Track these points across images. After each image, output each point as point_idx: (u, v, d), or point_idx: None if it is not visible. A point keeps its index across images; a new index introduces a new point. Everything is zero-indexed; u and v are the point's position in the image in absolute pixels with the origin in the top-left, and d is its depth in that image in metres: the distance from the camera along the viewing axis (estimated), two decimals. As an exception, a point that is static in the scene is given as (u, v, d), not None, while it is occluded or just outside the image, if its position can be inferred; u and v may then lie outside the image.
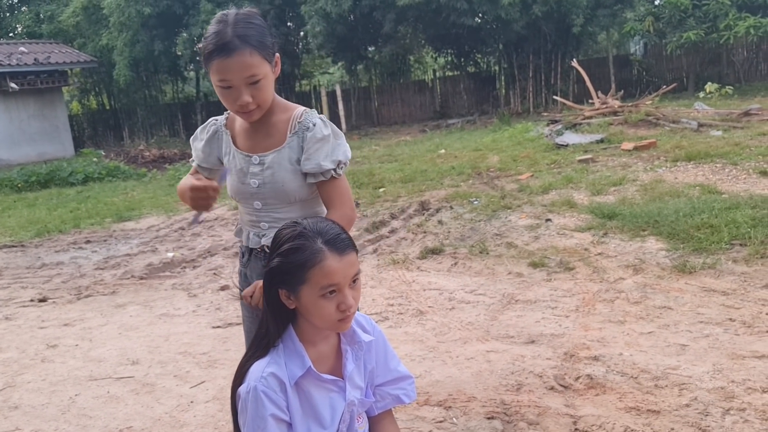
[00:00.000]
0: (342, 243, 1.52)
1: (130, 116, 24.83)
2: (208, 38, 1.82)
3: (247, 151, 1.98)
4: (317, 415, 1.61)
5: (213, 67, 1.82)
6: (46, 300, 5.57)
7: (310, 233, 1.51)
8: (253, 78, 1.82)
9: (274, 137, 1.97)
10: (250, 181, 1.96)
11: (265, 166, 1.95)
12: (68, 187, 13.67)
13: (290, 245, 1.51)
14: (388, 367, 1.79)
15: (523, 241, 5.70)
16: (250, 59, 1.80)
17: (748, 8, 16.80)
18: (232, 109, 1.89)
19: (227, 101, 1.87)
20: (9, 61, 19.47)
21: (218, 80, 1.83)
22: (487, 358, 3.46)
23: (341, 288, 1.51)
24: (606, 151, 9.66)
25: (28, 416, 3.32)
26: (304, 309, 1.55)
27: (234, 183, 2.00)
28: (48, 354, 4.23)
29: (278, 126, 1.97)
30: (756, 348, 3.24)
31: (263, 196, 1.97)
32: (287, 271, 1.51)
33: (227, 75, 1.81)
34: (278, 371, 1.55)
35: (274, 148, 1.95)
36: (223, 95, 1.87)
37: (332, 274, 1.49)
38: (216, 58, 1.79)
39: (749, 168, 7.33)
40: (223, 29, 1.80)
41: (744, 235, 4.92)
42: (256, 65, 1.81)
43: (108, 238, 8.07)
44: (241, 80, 1.81)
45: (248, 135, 1.99)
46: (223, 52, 1.78)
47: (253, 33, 1.82)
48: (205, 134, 2.07)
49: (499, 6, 16.92)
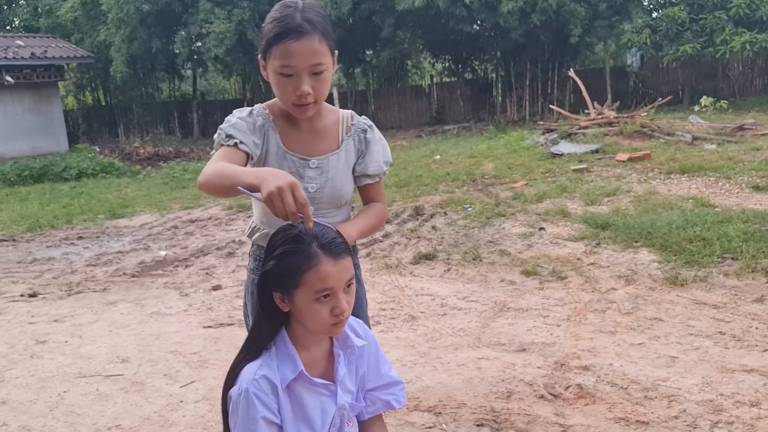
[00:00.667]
0: (337, 248, 1.52)
1: (125, 113, 24.76)
2: (274, 22, 1.74)
3: (301, 154, 1.87)
4: (308, 418, 1.60)
5: (276, 52, 1.72)
6: (36, 295, 5.54)
7: (305, 237, 1.51)
8: (318, 67, 1.74)
9: (327, 140, 1.90)
10: (307, 186, 1.85)
11: (323, 170, 1.87)
12: (61, 183, 13.61)
13: (285, 248, 1.51)
14: (380, 372, 1.79)
15: (516, 249, 5.71)
16: (319, 46, 1.73)
17: (745, 24, 16.91)
18: (289, 99, 1.78)
19: (284, 90, 1.77)
20: (5, 54, 19.41)
21: (280, 65, 1.73)
22: (477, 365, 3.47)
23: (335, 292, 1.51)
24: (601, 162, 9.70)
25: (16, 412, 3.31)
26: (298, 312, 1.55)
27: None
28: (37, 350, 4.21)
29: (330, 128, 1.91)
30: (745, 362, 3.26)
31: (318, 200, 1.87)
32: (282, 274, 1.51)
33: (292, 60, 1.71)
34: (270, 374, 1.55)
35: (329, 151, 1.89)
36: (280, 84, 1.76)
37: (327, 278, 1.49)
38: (282, 41, 1.70)
39: (742, 182, 7.38)
40: (292, 13, 1.72)
41: (736, 249, 4.95)
42: (323, 54, 1.74)
43: (100, 234, 8.04)
44: (306, 68, 1.73)
45: (297, 136, 1.89)
46: (292, 35, 1.70)
47: (322, 20, 1.75)
48: (253, 120, 1.86)
49: (498, 14, 16.98)
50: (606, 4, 17.39)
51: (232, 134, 1.81)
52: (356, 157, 1.93)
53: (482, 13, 17.26)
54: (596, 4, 17.41)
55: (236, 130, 1.82)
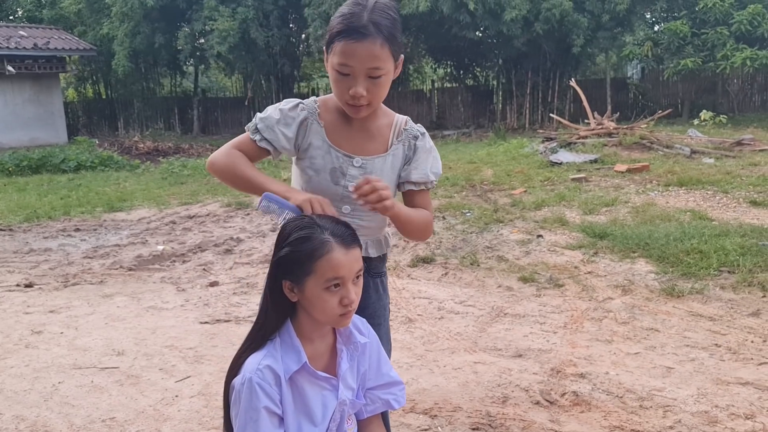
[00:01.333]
0: (348, 237, 1.55)
1: (126, 107, 24.75)
2: (341, 17, 1.72)
3: (347, 151, 1.85)
4: (309, 411, 1.61)
5: (336, 48, 1.71)
6: (32, 285, 5.53)
7: (318, 225, 1.54)
8: (376, 71, 1.72)
9: (376, 141, 1.88)
10: (348, 184, 1.81)
11: (366, 171, 1.84)
12: (60, 174, 13.58)
13: (299, 235, 1.53)
14: (380, 371, 1.80)
15: (514, 256, 5.72)
16: (380, 50, 1.70)
17: (746, 40, 17.00)
18: (342, 98, 1.78)
19: (339, 88, 1.76)
20: (8, 44, 19.39)
21: (338, 63, 1.71)
22: (474, 369, 3.47)
23: (345, 282, 1.53)
24: (599, 172, 9.73)
25: (10, 401, 3.30)
26: (307, 302, 1.56)
27: (323, 183, 1.84)
28: (32, 340, 4.19)
29: (382, 130, 1.89)
30: (741, 375, 3.27)
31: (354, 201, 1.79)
32: (295, 261, 1.53)
33: (350, 60, 1.70)
34: (274, 364, 1.56)
35: (377, 152, 1.88)
36: (337, 80, 1.76)
37: (339, 266, 1.51)
38: (343, 39, 1.69)
39: (739, 197, 7.41)
40: (360, 12, 1.69)
41: (732, 262, 4.97)
42: (383, 58, 1.71)
43: (98, 227, 8.03)
44: (363, 69, 1.71)
45: (346, 133, 1.87)
46: (353, 35, 1.68)
47: (389, 24, 1.72)
48: (294, 115, 1.85)
49: (502, 21, 17.03)
50: (609, 16, 17.46)
51: (260, 129, 1.84)
52: (403, 162, 1.91)
53: (486, 20, 17.31)
54: (599, 16, 17.48)
55: (265, 124, 1.84)
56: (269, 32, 20.18)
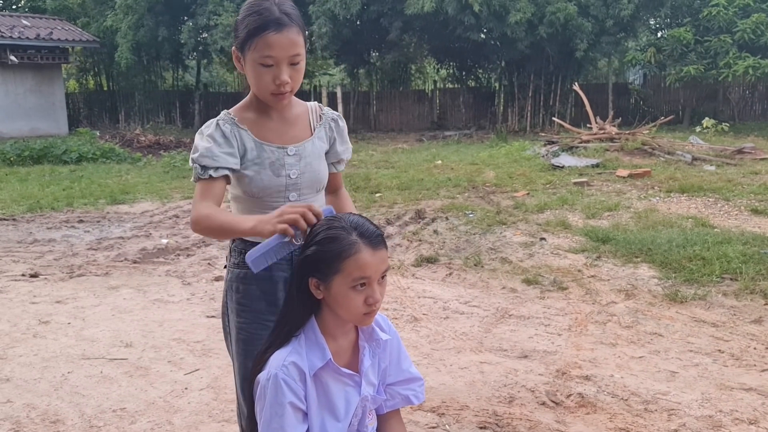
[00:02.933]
0: (376, 238, 1.58)
1: (127, 100, 24.71)
2: (253, 14, 1.80)
3: (278, 144, 1.94)
4: (332, 407, 1.64)
5: (258, 43, 1.79)
6: (37, 276, 5.55)
7: (346, 225, 1.57)
8: (296, 57, 1.83)
9: (299, 128, 1.99)
10: (289, 173, 1.93)
11: (301, 156, 1.95)
12: (61, 165, 13.57)
13: (327, 234, 1.56)
14: (401, 368, 1.83)
15: (517, 258, 5.76)
16: (297, 37, 1.81)
17: (749, 48, 17.07)
18: (267, 89, 1.85)
19: (264, 80, 1.83)
20: (11, 33, 19.36)
21: (262, 56, 1.79)
22: (480, 369, 3.51)
23: (371, 282, 1.56)
24: (601, 176, 9.77)
25: (20, 390, 3.32)
26: (333, 300, 1.59)
27: (266, 178, 1.91)
28: (40, 330, 4.22)
29: (300, 117, 2.00)
30: (744, 380, 3.31)
31: (300, 186, 1.95)
32: (323, 260, 1.55)
33: (273, 50, 1.79)
34: (299, 361, 1.59)
35: (303, 138, 1.98)
36: (260, 74, 1.83)
37: (365, 266, 1.54)
38: (263, 32, 1.77)
39: (741, 205, 7.46)
40: (269, 6, 1.80)
41: (735, 269, 5.01)
42: (300, 45, 1.83)
43: (101, 219, 8.04)
44: (285, 58, 1.81)
45: (270, 128, 1.95)
46: (272, 27, 1.77)
47: (297, 14, 1.85)
48: (221, 131, 1.89)
49: (506, 24, 17.07)
50: (613, 21, 17.51)
51: (206, 165, 1.85)
52: (328, 143, 2.05)
53: (490, 22, 17.34)
54: (603, 20, 17.53)
55: (208, 157, 1.85)
56: (273, 28, 20.19)
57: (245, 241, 1.93)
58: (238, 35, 1.86)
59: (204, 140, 1.88)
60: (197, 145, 1.88)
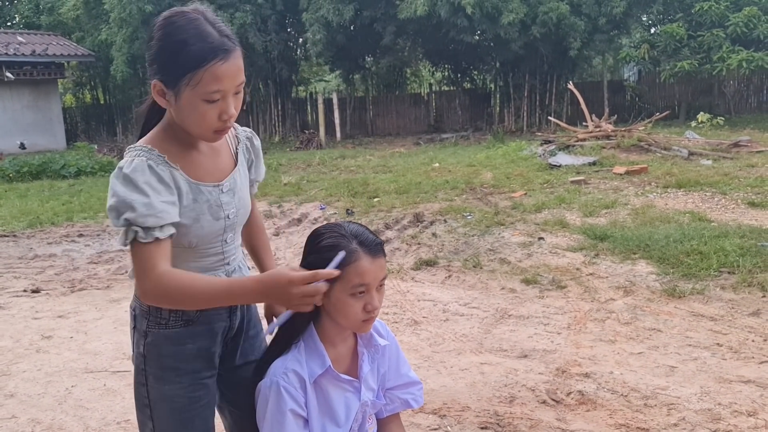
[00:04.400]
0: (375, 247, 1.61)
1: (124, 112, 24.76)
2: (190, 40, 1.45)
3: (211, 182, 1.63)
4: (333, 413, 1.67)
5: (203, 77, 1.45)
6: (39, 291, 5.58)
7: (346, 234, 1.60)
8: (240, 86, 1.53)
9: (224, 156, 1.70)
10: (228, 213, 1.66)
11: (234, 191, 1.68)
12: (60, 180, 13.62)
13: (328, 243, 1.59)
14: (400, 372, 1.86)
15: (516, 258, 5.79)
16: (241, 61, 1.51)
17: (742, 42, 17.11)
18: (211, 127, 1.53)
19: (208, 118, 1.50)
20: (6, 50, 19.44)
21: (208, 92, 1.47)
22: (480, 370, 3.54)
23: (370, 289, 1.59)
24: (598, 174, 9.80)
25: (25, 405, 3.35)
26: (332, 307, 1.61)
27: (206, 225, 1.61)
28: (43, 345, 4.25)
29: (222, 143, 1.70)
30: (742, 373, 3.34)
31: (235, 226, 1.71)
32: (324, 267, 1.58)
33: (222, 84, 1.47)
34: (299, 369, 1.62)
35: (229, 168, 1.69)
36: (202, 113, 1.50)
37: (365, 274, 1.57)
38: (209, 64, 1.44)
39: (738, 198, 7.48)
40: (205, 27, 1.47)
41: (732, 263, 5.03)
42: (242, 68, 1.52)
43: (101, 232, 8.07)
44: (233, 88, 1.50)
45: (199, 163, 1.62)
46: (219, 55, 1.45)
47: (230, 30, 1.53)
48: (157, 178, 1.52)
49: (499, 25, 17.12)
50: (605, 19, 17.55)
51: (149, 225, 1.46)
52: (248, 166, 1.80)
53: (483, 23, 17.39)
54: (596, 19, 17.58)
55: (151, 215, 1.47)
56: (267, 37, 20.24)
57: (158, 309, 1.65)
58: (162, 68, 1.49)
59: (136, 191, 1.47)
60: (127, 200, 1.46)
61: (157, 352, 1.67)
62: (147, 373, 1.70)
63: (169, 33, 1.48)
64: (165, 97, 1.52)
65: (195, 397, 1.68)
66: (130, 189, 1.47)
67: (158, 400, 1.68)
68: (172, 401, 1.67)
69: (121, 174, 1.49)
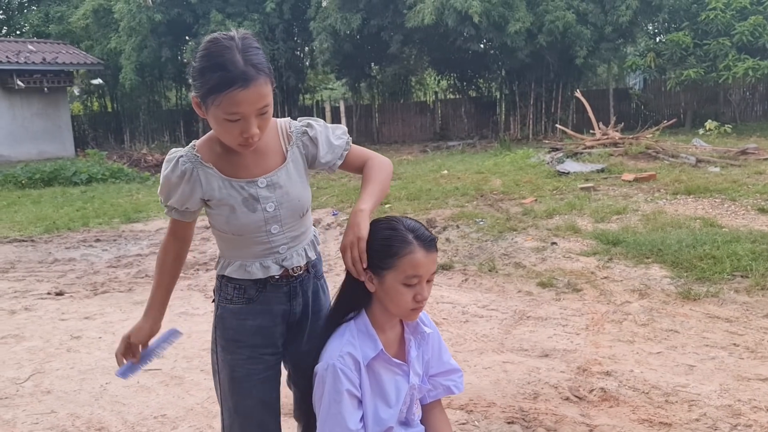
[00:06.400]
0: (430, 242, 1.73)
1: (132, 120, 24.96)
2: (215, 68, 1.63)
3: (248, 178, 1.81)
4: (384, 394, 1.77)
5: (221, 101, 1.63)
6: (63, 294, 5.69)
7: (404, 228, 1.71)
8: (264, 108, 1.68)
9: (271, 155, 1.84)
10: (266, 206, 1.81)
11: (275, 187, 1.82)
12: (72, 187, 13.75)
13: (387, 234, 1.71)
14: (442, 360, 1.97)
15: (530, 262, 5.88)
16: (265, 88, 1.66)
17: (748, 50, 17.23)
18: (235, 141, 1.71)
19: (230, 134, 1.70)
20: (17, 58, 19.64)
21: (228, 114, 1.65)
22: (503, 369, 3.63)
23: (421, 281, 1.70)
24: (607, 181, 9.89)
25: (62, 401, 3.45)
26: (384, 293, 1.73)
27: (242, 216, 1.80)
28: (73, 344, 4.35)
29: (271, 144, 1.85)
30: (760, 371, 3.43)
31: (280, 217, 1.84)
32: (381, 255, 1.70)
33: (241, 108, 1.64)
34: (354, 351, 1.73)
35: (276, 166, 1.84)
36: (226, 128, 1.69)
37: (418, 266, 1.68)
38: (228, 90, 1.61)
39: (747, 204, 7.57)
40: (233, 57, 1.63)
41: (745, 267, 5.12)
42: (268, 94, 1.68)
43: (117, 237, 8.19)
44: (253, 111, 1.66)
45: (238, 162, 1.81)
46: (238, 84, 1.61)
47: (262, 59, 1.68)
48: (178, 174, 1.79)
49: (506, 34, 17.26)
50: (611, 28, 17.70)
51: (171, 206, 1.84)
52: (307, 160, 1.91)
53: (490, 32, 17.54)
54: (602, 27, 17.72)
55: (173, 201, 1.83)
56: (275, 45, 20.43)
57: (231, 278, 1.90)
58: (196, 85, 1.69)
59: (166, 183, 1.83)
60: (161, 184, 1.85)
61: (223, 324, 1.92)
62: (216, 342, 1.95)
63: (203, 56, 1.67)
64: (200, 109, 1.73)
65: (253, 369, 1.88)
66: (163, 178, 1.83)
67: (223, 367, 1.92)
68: (233, 370, 1.89)
69: (166, 160, 1.84)
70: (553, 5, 17.34)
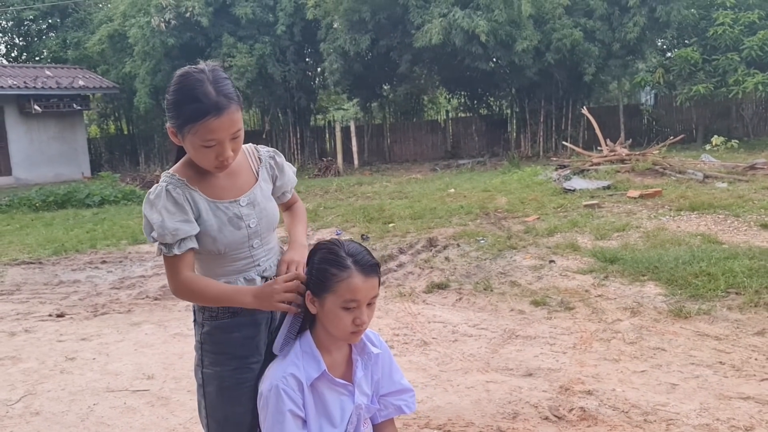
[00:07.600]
0: (369, 267, 1.77)
1: (146, 142, 25.35)
2: (188, 100, 1.78)
3: (230, 198, 1.95)
4: (328, 414, 1.81)
5: (197, 130, 1.78)
6: (63, 315, 5.78)
7: (344, 253, 1.76)
8: (237, 133, 1.83)
9: (243, 176, 1.99)
10: (248, 223, 1.95)
11: (254, 204, 1.97)
12: (84, 209, 13.97)
13: (327, 257, 1.77)
14: (392, 379, 2.00)
15: (526, 281, 5.88)
16: (236, 115, 1.81)
17: (757, 65, 17.16)
18: (212, 164, 1.85)
19: (207, 158, 1.84)
20: (34, 84, 20.08)
21: (204, 141, 1.79)
22: (486, 388, 3.64)
23: (360, 305, 1.75)
24: (612, 198, 9.87)
25: (49, 422, 3.51)
26: (324, 316, 1.78)
27: (228, 235, 1.91)
28: (66, 366, 4.42)
29: (242, 164, 2.00)
30: (743, 390, 3.40)
31: (260, 232, 1.98)
32: (319, 279, 1.75)
33: (215, 134, 1.78)
34: (297, 372, 1.77)
35: (250, 185, 1.99)
36: (202, 154, 1.83)
37: (356, 290, 1.73)
38: (203, 120, 1.76)
39: (751, 220, 7.52)
40: (206, 88, 1.77)
41: (740, 284, 5.09)
42: (239, 120, 1.83)
43: (123, 259, 8.30)
44: (227, 136, 1.81)
45: (218, 184, 1.94)
46: (212, 113, 1.76)
47: (231, 89, 1.82)
48: (172, 201, 1.86)
49: (513, 52, 17.35)
50: (620, 44, 17.73)
51: (168, 243, 1.83)
52: (272, 182, 2.08)
53: (497, 51, 17.65)
54: (610, 44, 17.76)
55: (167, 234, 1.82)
56: (286, 67, 20.70)
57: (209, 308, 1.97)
58: (172, 116, 1.83)
59: (155, 213, 1.83)
60: (151, 221, 1.83)
61: (211, 339, 2.00)
62: (203, 358, 2.03)
63: (176, 90, 1.81)
64: (176, 137, 1.87)
65: (242, 378, 1.95)
66: (152, 212, 1.84)
67: (210, 380, 2.00)
68: (222, 381, 1.98)
69: (148, 200, 1.87)
70: (560, 23, 17.42)
